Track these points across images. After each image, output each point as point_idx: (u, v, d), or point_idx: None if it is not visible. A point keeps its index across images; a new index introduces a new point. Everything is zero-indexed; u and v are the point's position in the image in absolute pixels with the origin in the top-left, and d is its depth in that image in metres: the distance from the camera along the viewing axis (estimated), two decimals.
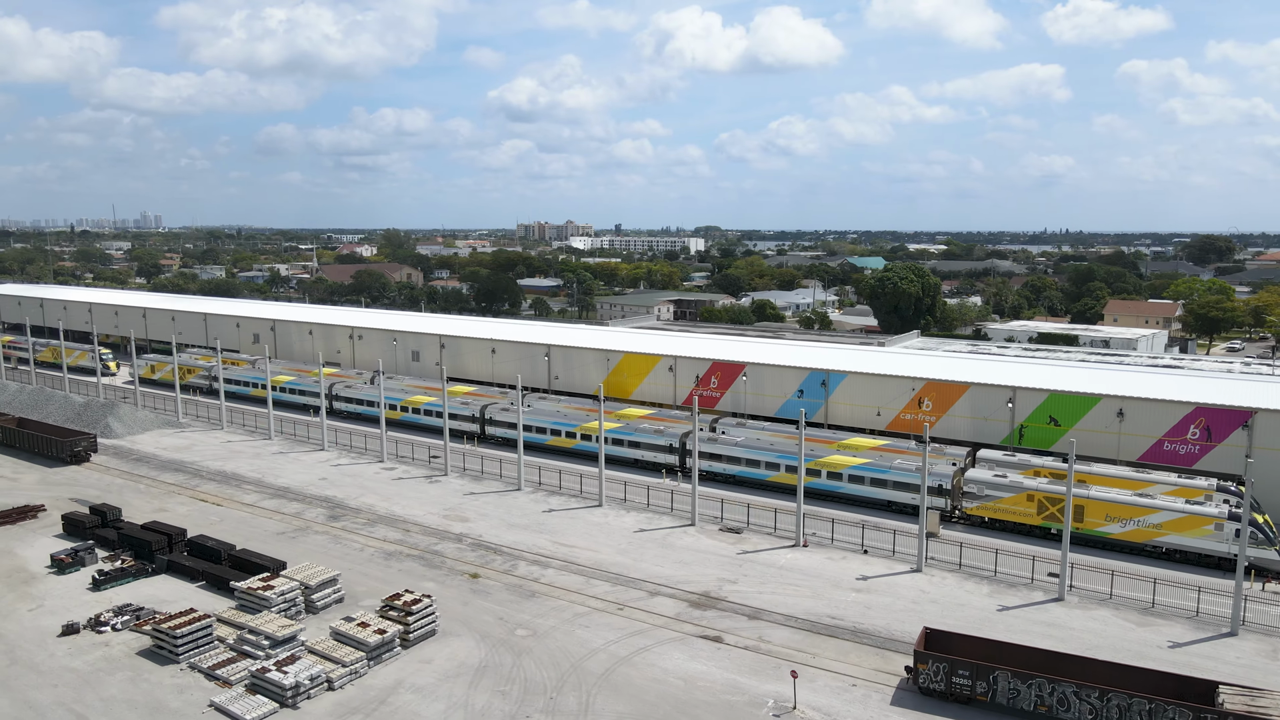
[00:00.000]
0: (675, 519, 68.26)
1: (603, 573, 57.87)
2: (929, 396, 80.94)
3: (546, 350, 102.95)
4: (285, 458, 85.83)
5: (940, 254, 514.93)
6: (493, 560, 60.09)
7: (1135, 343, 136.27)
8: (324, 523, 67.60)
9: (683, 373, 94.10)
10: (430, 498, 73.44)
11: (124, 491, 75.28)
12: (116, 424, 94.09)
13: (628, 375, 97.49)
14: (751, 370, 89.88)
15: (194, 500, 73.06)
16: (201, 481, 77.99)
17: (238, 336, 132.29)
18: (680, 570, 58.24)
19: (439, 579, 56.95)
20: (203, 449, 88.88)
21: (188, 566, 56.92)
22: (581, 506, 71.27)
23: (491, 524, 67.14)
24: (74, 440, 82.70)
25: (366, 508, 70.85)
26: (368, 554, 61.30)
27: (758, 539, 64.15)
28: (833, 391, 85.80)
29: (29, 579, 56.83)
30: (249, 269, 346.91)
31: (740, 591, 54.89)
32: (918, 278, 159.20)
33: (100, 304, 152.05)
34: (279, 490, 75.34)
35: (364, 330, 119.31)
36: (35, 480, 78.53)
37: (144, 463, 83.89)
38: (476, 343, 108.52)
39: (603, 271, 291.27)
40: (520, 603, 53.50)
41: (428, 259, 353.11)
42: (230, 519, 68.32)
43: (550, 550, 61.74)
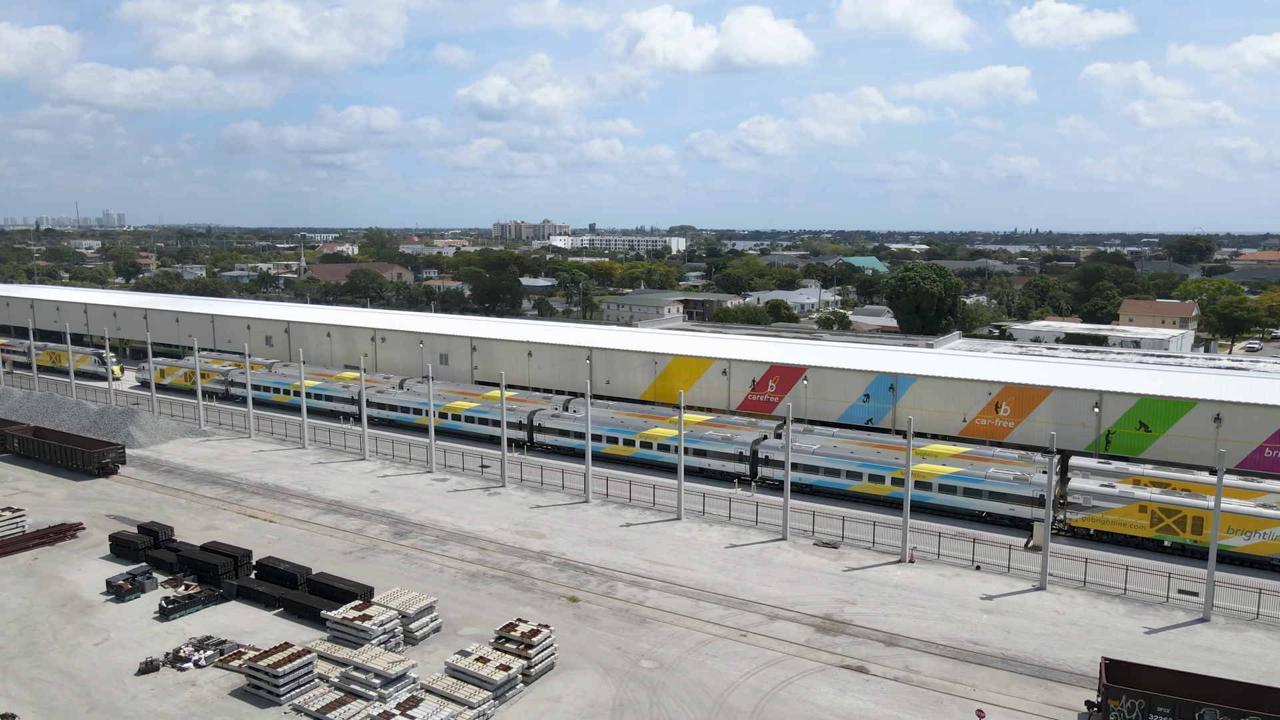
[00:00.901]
0: (763, 533, 64.50)
1: (709, 594, 53.99)
2: (1007, 401, 77.84)
3: (588, 353, 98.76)
4: (326, 468, 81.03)
5: (923, 254, 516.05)
6: (587, 581, 55.96)
7: (1167, 343, 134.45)
8: (391, 540, 63.07)
9: (737, 376, 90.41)
10: (495, 511, 69.12)
11: (164, 507, 70.20)
12: (138, 433, 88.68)
13: (677, 379, 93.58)
14: (813, 374, 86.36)
15: (242, 516, 68.19)
16: (245, 495, 73.05)
17: (249, 339, 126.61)
18: (790, 590, 54.50)
19: (535, 603, 52.76)
20: (235, 459, 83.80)
21: (261, 593, 52.25)
22: (659, 520, 67.31)
23: (571, 540, 63.00)
24: (102, 451, 77.36)
25: (431, 523, 66.40)
26: (449, 575, 56.93)
27: (858, 554, 60.55)
28: (901, 396, 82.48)
29: (85, 608, 51.89)
30: (231, 268, 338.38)
31: (863, 614, 51.24)
32: (940, 277, 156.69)
33: (96, 305, 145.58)
34: (331, 505, 70.65)
35: (388, 332, 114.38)
36: (64, 495, 73.18)
37: (176, 474, 78.72)
38: (511, 345, 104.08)
39: (596, 271, 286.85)
40: (633, 630, 49.47)
41: (415, 258, 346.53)
42: (288, 537, 63.59)
43: (644, 569, 57.74)
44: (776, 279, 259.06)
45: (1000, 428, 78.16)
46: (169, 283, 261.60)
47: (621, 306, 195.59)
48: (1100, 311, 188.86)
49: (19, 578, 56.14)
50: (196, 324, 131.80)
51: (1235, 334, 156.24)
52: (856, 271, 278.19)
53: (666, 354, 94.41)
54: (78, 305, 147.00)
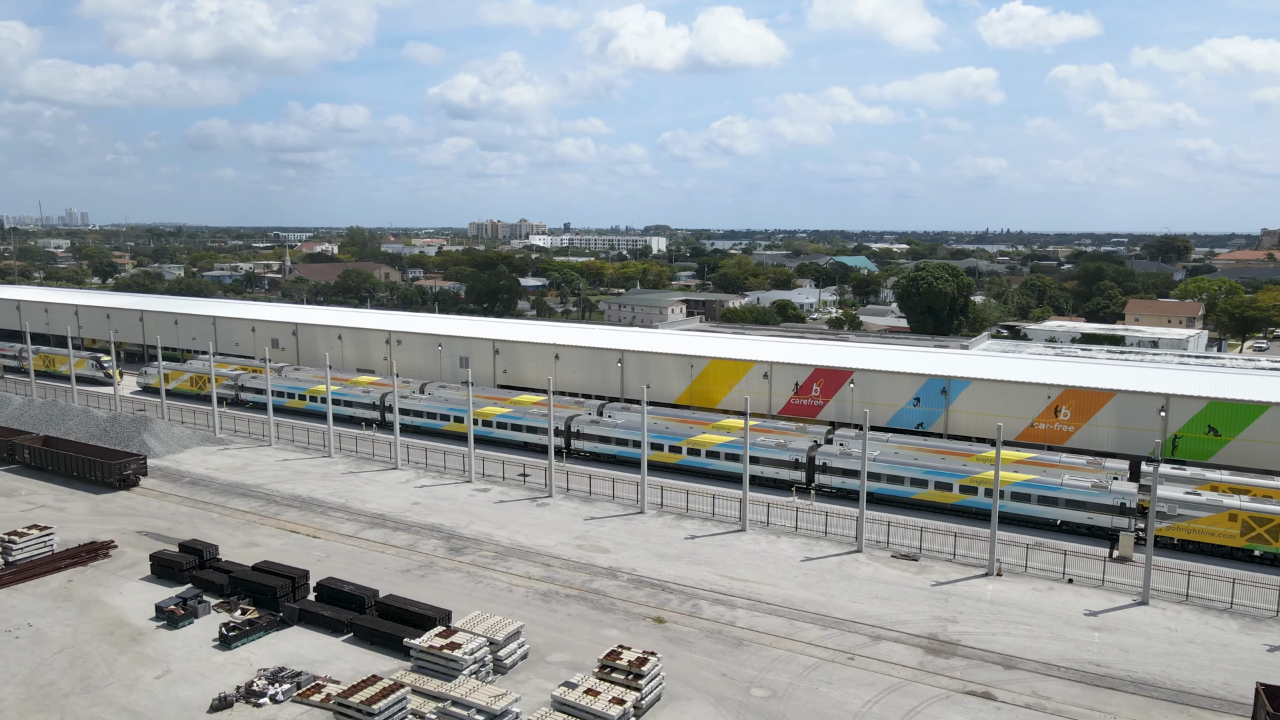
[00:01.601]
0: (835, 544, 61.76)
1: (799, 612, 51.14)
2: (1067, 404, 75.70)
3: (619, 356, 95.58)
4: (358, 478, 77.29)
5: (903, 254, 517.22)
6: (668, 600, 52.90)
7: (1185, 343, 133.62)
8: (448, 557, 59.62)
9: (780, 379, 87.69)
10: (549, 524, 65.85)
11: (196, 522, 66.22)
12: (154, 442, 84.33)
13: (714, 383, 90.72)
14: (860, 377, 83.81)
15: (283, 532, 64.39)
16: (280, 508, 69.21)
17: (254, 341, 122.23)
18: (883, 607, 51.77)
19: (620, 625, 49.64)
20: (260, 469, 79.80)
21: (326, 617, 48.68)
22: (723, 531, 64.39)
23: (638, 555, 59.90)
24: (124, 462, 73.11)
25: (485, 537, 63.00)
26: (519, 595, 53.63)
27: (941, 567, 57.97)
28: (954, 399, 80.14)
29: (136, 636, 48.05)
30: (210, 268, 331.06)
31: (969, 633, 48.61)
32: (952, 277, 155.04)
33: (88, 306, 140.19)
34: (374, 518, 67.01)
35: (403, 334, 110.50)
36: (86, 510, 68.94)
37: (201, 486, 74.64)
38: (536, 348, 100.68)
39: (587, 271, 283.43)
40: (733, 653, 46.49)
41: (400, 258, 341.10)
42: (337, 554, 59.94)
43: (724, 586, 54.79)
44: (771, 279, 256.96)
45: (1060, 432, 76.03)
46: (150, 283, 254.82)
47: (623, 307, 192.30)
48: (1103, 311, 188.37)
49: (56, 602, 52.14)
50: (197, 326, 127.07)
51: (1245, 333, 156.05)
52: (852, 271, 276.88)
53: (704, 356, 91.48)
54: (68, 307, 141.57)
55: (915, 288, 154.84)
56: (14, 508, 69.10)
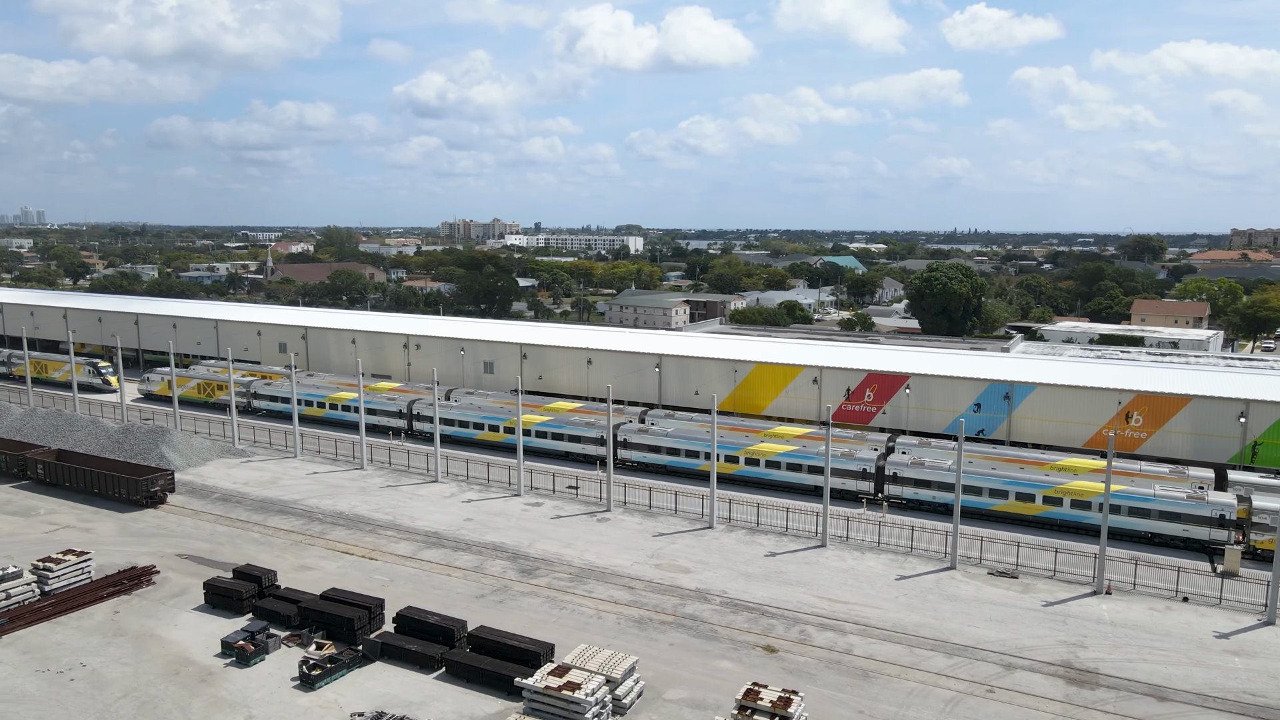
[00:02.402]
0: (924, 560, 58.64)
1: (916, 637, 47.89)
2: (1139, 410, 73.27)
3: (657, 361, 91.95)
4: (398, 493, 73.02)
5: (882, 253, 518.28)
6: (771, 625, 49.43)
7: (1206, 343, 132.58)
8: (520, 579, 55.68)
9: (830, 385, 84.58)
10: (617, 541, 62.11)
11: (237, 543, 61.68)
12: (172, 454, 79.35)
13: (760, 388, 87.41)
14: (916, 382, 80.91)
15: (335, 553, 60.05)
16: (325, 527, 64.80)
17: (259, 346, 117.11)
18: (1001, 631, 48.68)
19: (730, 656, 46.08)
20: (291, 484, 75.24)
21: (414, 652, 44.60)
22: (803, 547, 61.04)
23: (721, 574, 56.38)
24: (151, 478, 68.24)
25: (554, 557, 59.12)
26: (611, 623, 49.88)
27: (1045, 585, 55.03)
28: (1017, 405, 77.43)
29: (205, 676, 43.67)
30: (185, 268, 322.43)
31: (1104, 660, 45.61)
32: (966, 278, 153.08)
33: (79, 309, 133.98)
34: (429, 537, 62.86)
35: (422, 338, 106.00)
36: (115, 531, 64.07)
37: (234, 503, 69.98)
38: (568, 352, 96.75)
39: (576, 271, 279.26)
40: (861, 686, 43.11)
41: (382, 258, 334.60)
42: (401, 578, 55.78)
43: (825, 609, 51.43)
44: (765, 279, 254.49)
45: (1131, 439, 73.58)
46: (127, 284, 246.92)
47: (624, 309, 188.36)
48: (1106, 311, 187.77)
49: (107, 638, 47.56)
50: (197, 330, 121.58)
51: (1258, 334, 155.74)
52: (847, 271, 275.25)
53: (748, 361, 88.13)
54: (55, 310, 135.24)
55: (929, 288, 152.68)
56: (35, 529, 64.11)
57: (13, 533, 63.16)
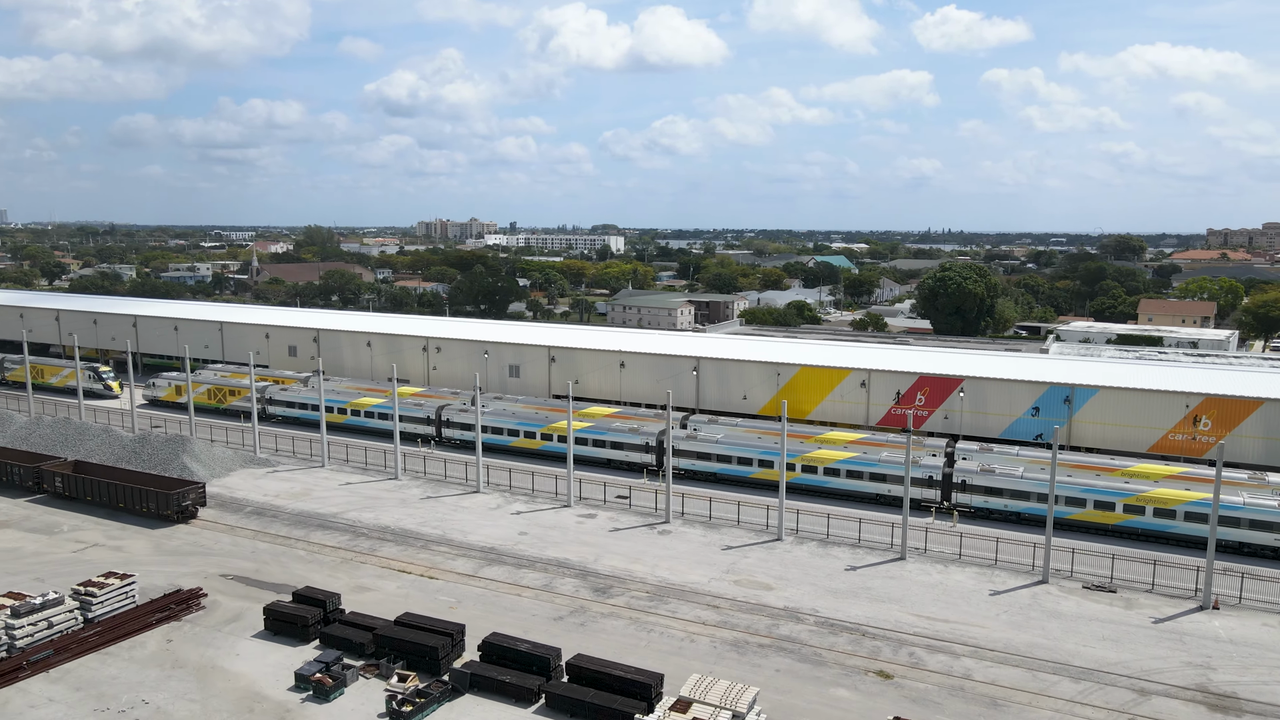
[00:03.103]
0: (1011, 573, 56.02)
1: (1033, 659, 45.16)
2: (1208, 414, 71.18)
3: (695, 364, 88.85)
4: (441, 504, 69.43)
5: (865, 253, 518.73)
6: (877, 648, 46.48)
7: (1225, 343, 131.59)
8: (596, 599, 52.37)
9: (879, 388, 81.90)
10: (686, 555, 58.97)
11: (283, 561, 57.85)
12: (194, 465, 75.14)
13: (805, 392, 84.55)
14: (970, 385, 78.41)
15: (390, 571, 56.39)
16: (374, 543, 61.08)
17: (268, 349, 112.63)
18: (1120, 652, 46.08)
19: (844, 682, 43.08)
20: (325, 495, 71.38)
21: (508, 684, 41.17)
22: (882, 560, 58.23)
23: (806, 591, 53.42)
24: (182, 491, 64.13)
25: (625, 574, 55.86)
26: (705, 646, 46.72)
27: (1146, 600, 52.56)
28: (1078, 409, 75.13)
29: (282, 713, 40.00)
30: (165, 268, 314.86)
31: (1239, 684, 43.11)
32: (980, 278, 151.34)
33: (71, 311, 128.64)
34: (487, 553, 59.35)
35: (442, 341, 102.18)
36: (148, 549, 59.96)
37: (269, 516, 66.04)
38: (600, 355, 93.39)
39: (567, 271, 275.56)
40: (994, 716, 40.27)
41: (368, 258, 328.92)
42: (469, 598, 52.29)
43: (925, 627, 48.61)
44: (761, 279, 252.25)
45: (1199, 444, 71.47)
46: (108, 284, 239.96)
47: (628, 309, 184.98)
48: (1109, 311, 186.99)
49: (166, 670, 43.70)
50: (200, 333, 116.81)
51: (1269, 333, 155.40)
52: (843, 271, 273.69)
53: (792, 364, 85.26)
54: (47, 312, 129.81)
55: (943, 288, 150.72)
56: (61, 549, 59.87)
57: (38, 552, 58.91)
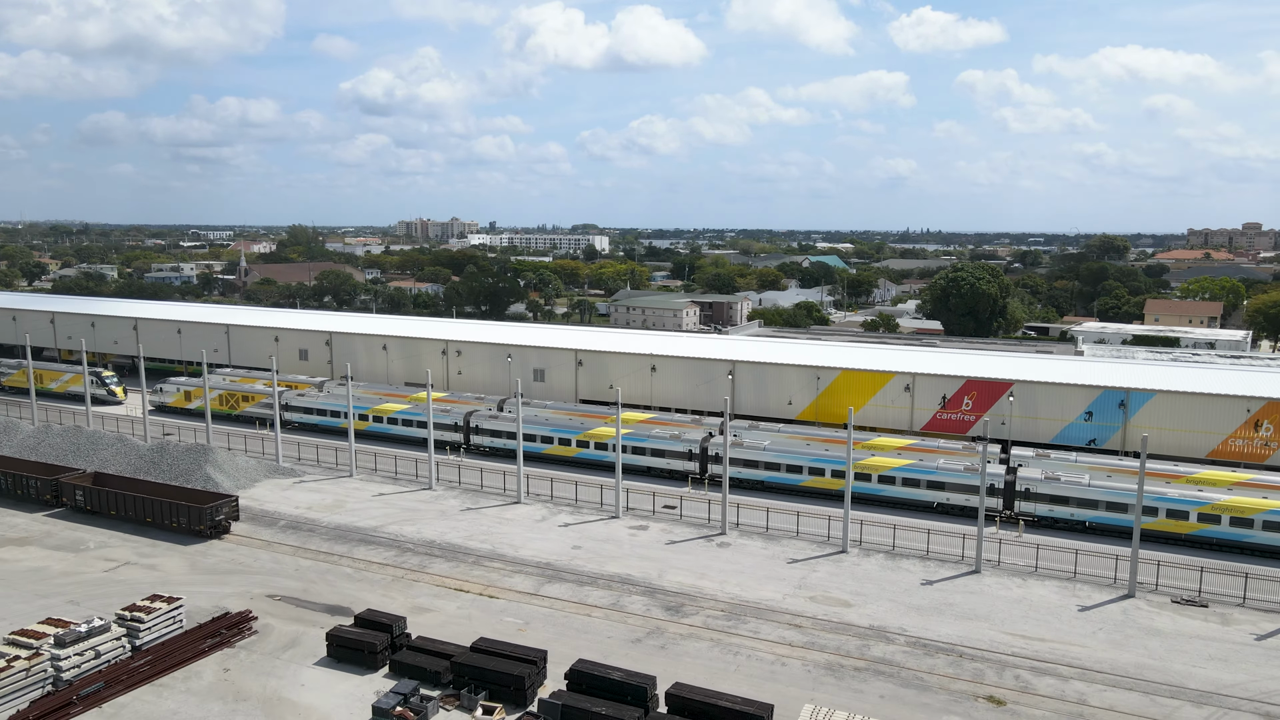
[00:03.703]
0: (1095, 587, 53.94)
1: (1145, 682, 42.99)
2: (1269, 418, 69.50)
3: (730, 367, 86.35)
4: (483, 516, 66.50)
5: (851, 253, 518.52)
6: (980, 671, 44.14)
7: (1242, 343, 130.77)
8: (670, 619, 49.69)
9: (923, 392, 79.73)
10: (751, 569, 56.45)
11: (330, 579, 54.73)
12: (218, 475, 71.72)
13: (845, 396, 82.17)
14: (1020, 389, 76.39)
15: (446, 590, 53.42)
16: (422, 559, 58.06)
17: (277, 352, 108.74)
18: (1233, 673, 44.05)
19: (955, 709, 40.67)
20: (359, 507, 68.23)
21: (605, 716, 38.40)
22: (958, 573, 55.95)
23: (887, 608, 51.03)
24: (215, 505, 60.78)
25: (693, 590, 53.24)
26: (798, 670, 44.17)
27: (1239, 615, 50.62)
28: (1134, 414, 73.27)
29: None
30: (148, 268, 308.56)
31: None
32: (993, 278, 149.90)
33: (66, 314, 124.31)
34: (542, 569, 56.52)
35: (463, 344, 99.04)
36: (183, 567, 56.62)
37: (305, 531, 62.82)
38: (629, 359, 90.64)
39: (561, 271, 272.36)
40: None
41: (356, 258, 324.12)
42: (535, 619, 49.46)
43: (1022, 647, 46.36)
44: (757, 279, 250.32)
45: (1260, 449, 69.79)
46: (92, 285, 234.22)
47: (631, 310, 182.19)
48: (1113, 311, 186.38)
49: (229, 703, 40.58)
50: (206, 336, 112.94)
51: (1279, 333, 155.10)
52: (841, 271, 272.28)
53: (832, 367, 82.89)
54: (41, 314, 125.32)
55: (956, 289, 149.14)
56: (91, 567, 56.41)
57: (67, 572, 55.45)
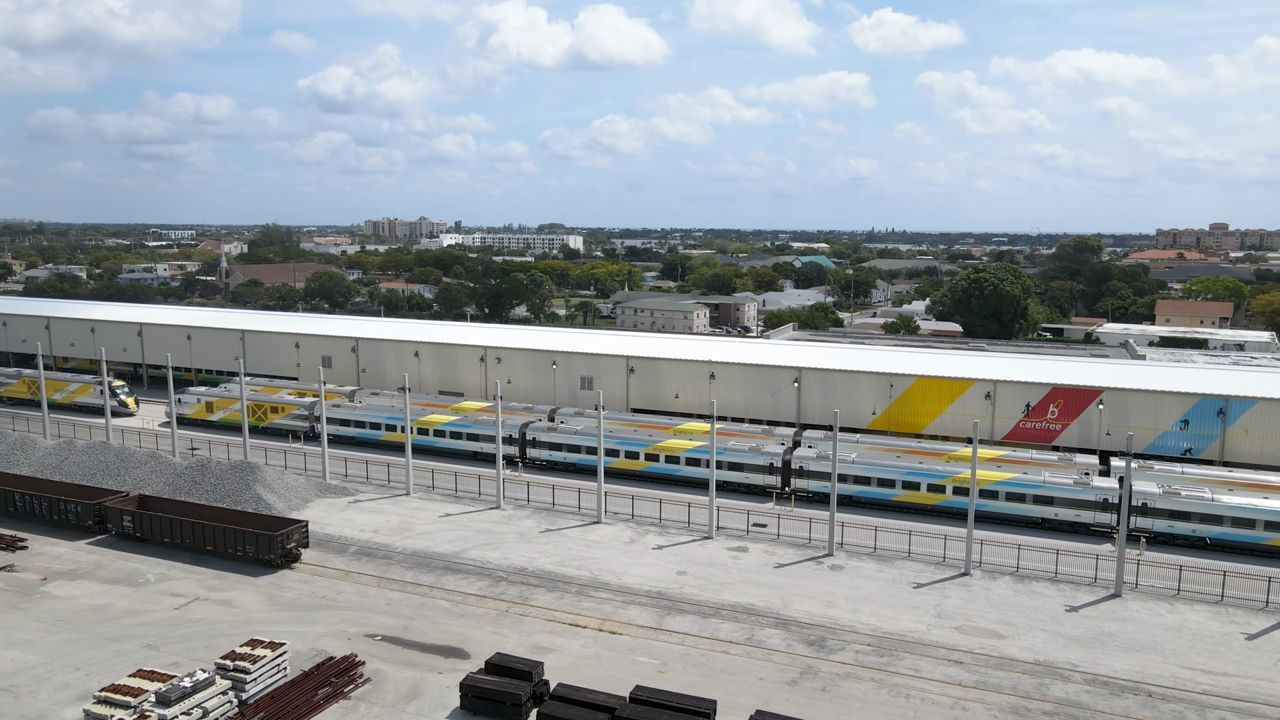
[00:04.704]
0: (1249, 612, 50.79)
1: None
2: None
3: (796, 375, 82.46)
4: (565, 538, 61.93)
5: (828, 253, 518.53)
6: (1182, 713, 40.56)
7: (1271, 344, 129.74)
8: (816, 655, 45.59)
9: (1005, 400, 76.44)
10: (881, 597, 52.53)
11: (428, 614, 49.87)
12: (269, 495, 66.32)
13: (921, 404, 78.80)
14: (1110, 396, 73.37)
15: (558, 624, 48.82)
16: (521, 589, 53.35)
17: (298, 359, 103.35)
18: None
19: None
20: (429, 530, 63.30)
21: None
22: (1099, 598, 52.55)
23: (1042, 639, 47.39)
24: (286, 531, 55.54)
25: (828, 621, 49.20)
26: (981, 715, 40.29)
27: None
28: (1233, 423, 70.52)
29: None
30: (118, 269, 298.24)
31: None
32: (1015, 279, 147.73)
33: (63, 319, 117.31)
34: (658, 599, 52.16)
35: (503, 351, 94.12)
36: (260, 602, 51.40)
37: (380, 558, 57.80)
38: (685, 366, 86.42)
39: (551, 272, 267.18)
40: None
41: (336, 258, 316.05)
42: (671, 658, 45.09)
43: (1208, 684, 42.95)
44: (753, 279, 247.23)
45: None
46: (67, 287, 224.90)
47: (640, 311, 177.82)
48: (1121, 312, 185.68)
49: None
50: (218, 342, 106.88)
51: None
52: (838, 272, 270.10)
53: (907, 374, 79.37)
54: (34, 320, 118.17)
55: (979, 289, 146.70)
56: (157, 605, 50.97)
57: (133, 611, 50.01)
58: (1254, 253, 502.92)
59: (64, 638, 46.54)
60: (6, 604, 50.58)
